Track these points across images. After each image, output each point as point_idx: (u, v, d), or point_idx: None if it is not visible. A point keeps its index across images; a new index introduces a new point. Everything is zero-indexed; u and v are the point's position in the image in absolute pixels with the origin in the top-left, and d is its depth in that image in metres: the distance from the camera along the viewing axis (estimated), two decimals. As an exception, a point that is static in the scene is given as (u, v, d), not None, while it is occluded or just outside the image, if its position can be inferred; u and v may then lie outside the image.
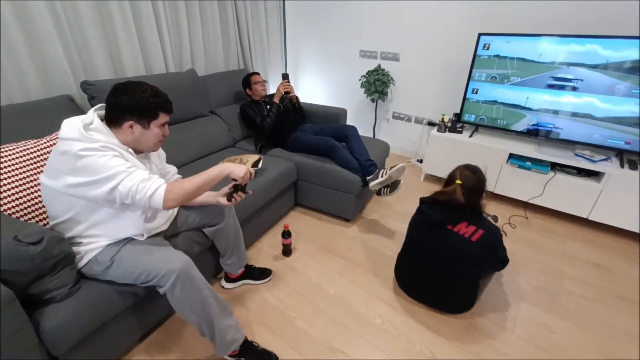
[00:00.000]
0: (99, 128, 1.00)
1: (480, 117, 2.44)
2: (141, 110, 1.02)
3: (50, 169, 0.99)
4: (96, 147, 0.94)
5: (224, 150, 2.26)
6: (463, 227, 1.33)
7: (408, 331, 1.40)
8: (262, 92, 2.38)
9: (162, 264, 1.04)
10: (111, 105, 1.02)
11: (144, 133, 1.05)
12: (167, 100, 1.08)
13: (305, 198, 2.24)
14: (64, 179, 0.95)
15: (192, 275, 1.07)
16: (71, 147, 0.92)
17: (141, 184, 0.95)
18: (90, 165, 0.93)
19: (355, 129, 2.18)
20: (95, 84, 1.69)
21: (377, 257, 1.85)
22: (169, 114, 1.10)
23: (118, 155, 0.98)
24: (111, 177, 0.93)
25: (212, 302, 1.12)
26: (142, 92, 1.02)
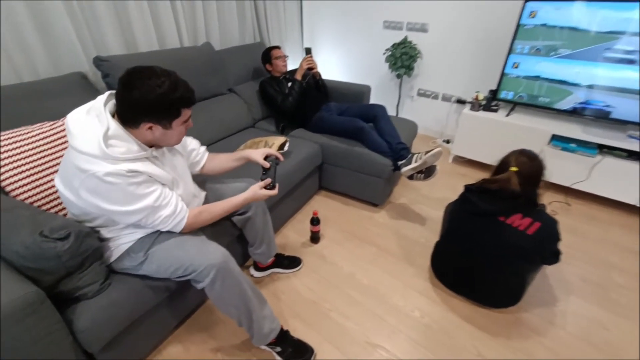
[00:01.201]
0: (117, 134, 0.86)
1: (519, 95, 2.24)
2: (160, 110, 0.86)
3: (67, 180, 0.89)
4: (122, 173, 0.83)
5: (243, 132, 2.14)
6: (517, 219, 1.21)
7: (449, 326, 1.33)
8: (283, 68, 2.21)
9: (200, 258, 0.96)
10: (123, 101, 0.86)
11: (166, 133, 0.92)
12: (189, 91, 0.90)
13: (331, 182, 2.13)
14: (84, 197, 0.86)
15: (231, 269, 1.00)
16: (93, 168, 0.81)
17: (165, 219, 0.95)
18: (114, 193, 0.85)
19: (384, 108, 2.02)
20: (109, 59, 1.56)
21: (410, 245, 1.76)
22: (191, 107, 0.95)
23: (144, 179, 0.88)
24: (136, 212, 0.90)
25: (251, 295, 1.07)
26: (157, 86, 0.82)
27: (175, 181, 1.02)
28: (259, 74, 2.43)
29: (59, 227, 0.84)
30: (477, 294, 1.40)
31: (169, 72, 0.87)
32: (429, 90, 2.97)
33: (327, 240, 1.79)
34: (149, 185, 0.90)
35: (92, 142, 0.82)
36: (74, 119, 0.87)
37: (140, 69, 0.85)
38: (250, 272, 1.53)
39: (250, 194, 1.10)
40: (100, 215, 0.93)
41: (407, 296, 1.46)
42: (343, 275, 1.56)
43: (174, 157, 1.07)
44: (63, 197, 0.93)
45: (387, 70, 3.05)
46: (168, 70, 0.87)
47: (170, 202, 0.95)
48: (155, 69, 0.85)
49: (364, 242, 1.78)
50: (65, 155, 0.90)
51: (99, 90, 1.58)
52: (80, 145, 0.82)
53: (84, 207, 0.89)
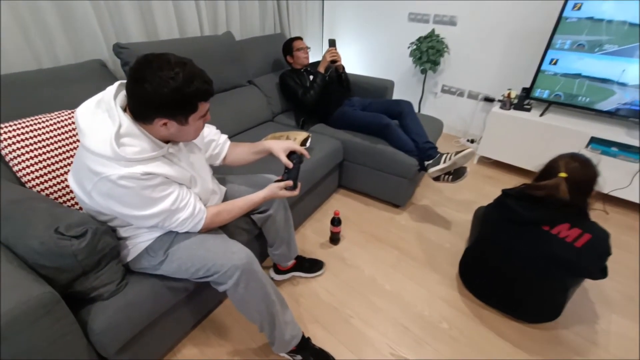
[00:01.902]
0: (130, 132, 0.78)
1: (555, 93, 2.10)
2: (174, 106, 0.77)
3: (79, 180, 0.82)
4: (137, 176, 0.77)
5: (263, 125, 2.07)
6: (564, 230, 1.11)
7: (480, 340, 1.24)
8: (304, 60, 2.12)
9: (223, 259, 0.90)
10: (134, 96, 0.77)
11: (182, 129, 0.83)
12: (207, 83, 0.79)
13: (351, 180, 2.05)
14: (97, 199, 0.80)
15: (255, 271, 0.95)
16: (105, 171, 0.75)
17: (183, 221, 0.90)
18: (129, 197, 0.79)
19: (410, 104, 1.92)
20: (129, 47, 1.50)
21: (434, 249, 1.67)
22: (209, 99, 0.84)
23: (160, 182, 0.82)
24: (152, 216, 0.85)
25: (275, 299, 1.01)
26: (171, 79, 0.72)
27: (193, 179, 0.95)
28: (279, 66, 2.35)
29: (76, 224, 0.79)
30: (512, 307, 1.30)
31: (183, 60, 0.76)
32: (454, 87, 2.84)
33: (347, 241, 1.71)
34: (165, 188, 0.84)
35: (104, 142, 0.74)
36: (84, 114, 0.80)
37: (151, 58, 0.74)
38: (270, 275, 1.46)
39: (269, 192, 1.04)
40: (116, 217, 0.88)
41: (433, 305, 1.37)
42: (364, 280, 1.49)
43: (191, 153, 0.99)
44: (77, 196, 0.87)
45: (410, 65, 2.93)
46: (183, 59, 0.77)
47: (188, 203, 0.89)
48: (168, 57, 0.75)
49: (385, 244, 1.70)
50: (77, 153, 0.83)
51: (118, 78, 1.54)
52: (91, 145, 0.75)
53: (98, 209, 0.84)
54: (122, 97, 0.83)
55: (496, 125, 2.29)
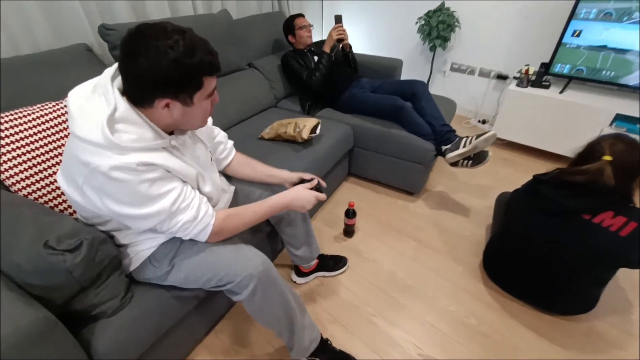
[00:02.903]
0: (126, 117, 0.67)
1: (577, 68, 1.97)
2: (176, 81, 0.65)
3: (69, 175, 0.71)
4: (132, 167, 0.65)
5: (266, 112, 1.93)
6: (608, 218, 1.01)
7: (512, 335, 1.17)
8: (307, 39, 1.96)
9: (237, 267, 0.81)
10: (128, 74, 0.66)
11: (187, 112, 0.71)
12: (211, 54, 0.68)
13: (361, 167, 1.93)
14: (89, 195, 0.68)
15: (273, 278, 0.86)
16: (95, 161, 0.63)
17: (185, 225, 0.76)
18: (123, 192, 0.67)
19: (425, 85, 1.78)
20: (116, 28, 1.34)
21: (454, 239, 1.58)
22: (216, 75, 0.73)
23: (160, 175, 0.70)
24: (150, 216, 0.71)
25: (294, 305, 0.93)
26: (169, 48, 0.61)
27: (201, 176, 0.84)
28: (280, 47, 2.19)
29: (68, 235, 0.68)
30: (543, 300, 1.22)
31: (182, 28, 0.65)
32: (464, 65, 2.68)
33: (362, 233, 1.62)
34: (165, 183, 0.71)
35: (95, 126, 0.63)
36: (76, 97, 0.69)
37: (144, 27, 0.63)
38: (292, 278, 1.36)
39: (294, 194, 0.91)
40: (113, 218, 0.77)
41: (459, 299, 1.29)
42: (384, 274, 1.40)
43: (196, 146, 0.88)
44: (68, 197, 0.76)
45: (416, 43, 2.77)
46: (181, 27, 0.65)
47: (192, 204, 0.76)
48: (164, 25, 0.64)
49: (402, 235, 1.61)
50: (67, 144, 0.72)
51: (106, 64, 1.39)
52: (80, 130, 0.64)
53: (92, 208, 0.72)
54: (119, 81, 0.71)
55: (512, 104, 2.16)
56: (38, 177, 0.92)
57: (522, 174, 2.05)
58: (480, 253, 1.49)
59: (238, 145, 1.13)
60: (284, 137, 1.51)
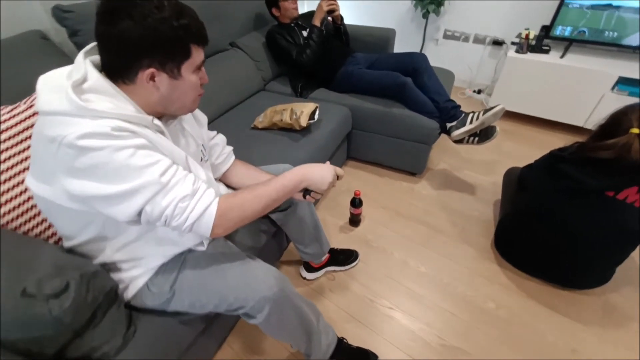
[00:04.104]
0: (98, 87, 0.56)
1: (579, 30, 1.87)
2: (162, 45, 0.56)
3: (38, 167, 0.60)
4: (106, 131, 0.52)
5: (255, 97, 1.78)
6: (632, 194, 0.97)
7: (532, 318, 1.15)
8: (293, 11, 1.77)
9: (247, 290, 0.72)
10: (108, 39, 0.56)
11: (176, 86, 0.61)
12: (200, 23, 0.61)
13: (361, 150, 1.84)
14: (62, 183, 0.55)
15: (289, 296, 0.78)
16: (63, 131, 0.51)
17: (181, 203, 0.59)
18: (100, 166, 0.53)
19: (426, 58, 1.65)
20: (74, 9, 1.14)
21: (463, 220, 1.53)
22: (204, 47, 0.64)
23: (143, 143, 0.57)
24: (135, 191, 0.56)
25: (311, 318, 0.87)
26: (155, 8, 0.54)
27: (192, 163, 0.69)
28: (263, 22, 1.98)
29: (50, 274, 0.57)
30: (559, 276, 1.21)
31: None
32: (457, 31, 2.55)
33: (368, 220, 1.55)
34: (150, 153, 0.57)
35: (58, 94, 0.53)
36: (47, 79, 0.58)
37: None
38: (301, 274, 1.29)
39: (305, 167, 0.75)
40: (95, 218, 0.63)
41: (475, 284, 1.26)
42: (395, 264, 1.35)
43: (186, 139, 0.75)
44: (41, 203, 0.64)
45: (406, 9, 2.60)
46: None
47: (186, 178, 0.61)
48: None
49: (410, 220, 1.55)
50: (34, 131, 0.59)
51: (68, 54, 1.20)
52: (44, 104, 0.54)
53: (68, 204, 0.59)
54: (96, 57, 0.60)
55: (511, 71, 2.07)
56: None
57: (527, 146, 2.00)
58: (490, 233, 1.46)
59: (229, 138, 0.99)
60: (280, 125, 1.38)
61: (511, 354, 1.05)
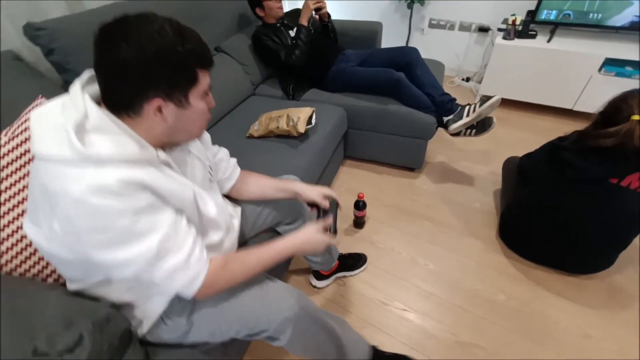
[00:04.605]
0: (100, 125, 0.52)
1: (564, 13, 1.88)
2: (169, 74, 0.52)
3: (35, 214, 0.56)
4: (111, 188, 0.49)
5: (245, 103, 1.72)
6: (635, 180, 0.98)
7: (542, 306, 1.17)
8: (278, 11, 1.72)
9: (268, 313, 0.70)
10: (109, 73, 0.52)
11: (183, 115, 0.57)
12: (204, 45, 0.56)
13: (358, 149, 1.81)
14: (59, 233, 0.52)
15: (310, 313, 0.76)
16: (65, 186, 0.48)
17: (173, 272, 0.57)
18: (100, 229, 0.50)
19: (417, 52, 1.63)
20: (47, 26, 1.06)
21: (466, 213, 1.54)
22: (210, 70, 0.59)
23: (147, 203, 0.53)
24: (128, 263, 0.54)
25: (339, 334, 0.84)
26: (157, 33, 0.50)
27: (200, 196, 0.67)
28: (247, 22, 1.92)
29: (60, 327, 0.53)
30: (565, 262, 1.23)
31: (164, 16, 0.53)
32: (443, 20, 2.53)
33: (372, 220, 1.54)
34: (154, 213, 0.54)
35: (60, 139, 0.49)
36: (40, 116, 0.53)
37: (121, 17, 0.51)
38: (311, 282, 1.27)
39: (302, 238, 0.77)
40: None
41: (484, 277, 1.27)
42: (404, 263, 1.35)
43: (192, 162, 0.71)
44: (41, 249, 0.60)
45: (389, 1, 2.56)
46: (162, 16, 0.53)
47: (185, 242, 0.59)
48: (144, 13, 0.53)
49: (413, 216, 1.55)
50: (30, 175, 0.56)
51: (45, 74, 1.13)
52: (41, 146, 0.50)
53: (69, 254, 0.56)
54: (95, 89, 0.56)
55: (500, 58, 2.07)
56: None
57: (520, 132, 2.03)
58: (493, 223, 1.47)
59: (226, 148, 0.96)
60: (277, 132, 1.34)
61: (526, 345, 1.07)
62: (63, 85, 1.17)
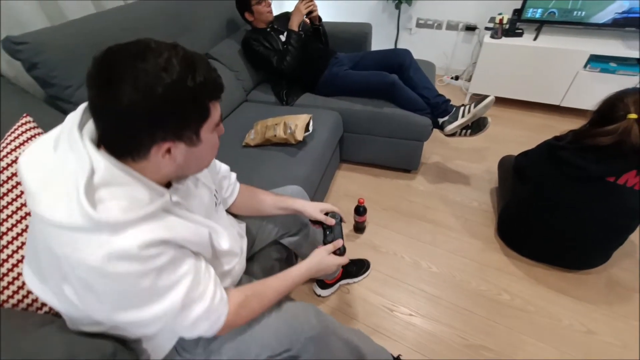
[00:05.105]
0: (109, 178, 0.46)
1: (549, 11, 1.92)
2: (179, 113, 0.47)
3: (39, 269, 0.53)
4: (133, 252, 0.45)
5: (238, 110, 1.69)
6: (631, 178, 1.00)
7: (545, 303, 1.19)
8: (268, 15, 1.68)
9: (288, 333, 0.68)
10: (108, 116, 0.46)
11: (194, 153, 0.53)
12: (214, 72, 0.51)
13: (354, 152, 1.80)
14: (68, 296, 0.49)
15: (331, 330, 0.75)
16: (79, 253, 0.44)
17: (197, 321, 0.56)
18: (118, 290, 0.47)
19: (410, 54, 1.63)
20: (28, 39, 1.00)
21: (464, 212, 1.55)
22: (220, 99, 0.54)
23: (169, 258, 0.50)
24: (154, 320, 0.51)
25: (360, 346, 0.83)
26: (163, 70, 0.44)
27: (214, 231, 0.65)
28: (235, 27, 1.88)
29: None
30: (564, 259, 1.25)
31: (166, 43, 0.47)
32: (430, 19, 2.55)
33: (373, 225, 1.54)
34: (176, 266, 0.52)
35: (68, 203, 0.43)
36: (31, 163, 0.48)
37: (117, 48, 0.45)
38: (315, 292, 1.25)
39: (315, 262, 0.76)
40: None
41: (487, 277, 1.28)
42: (407, 267, 1.35)
43: (199, 191, 0.68)
44: (42, 298, 0.56)
45: (376, 2, 2.56)
46: (164, 42, 0.47)
47: (206, 290, 0.57)
48: (145, 41, 0.46)
49: (413, 218, 1.55)
50: (30, 227, 0.52)
51: (26, 88, 1.07)
52: (47, 210, 0.44)
53: (74, 312, 0.54)
54: (91, 128, 0.50)
55: (489, 57, 2.10)
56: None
57: (510, 129, 2.06)
58: (491, 221, 1.49)
59: (223, 160, 0.92)
60: (274, 140, 1.32)
61: (533, 344, 1.08)
62: (46, 99, 1.12)
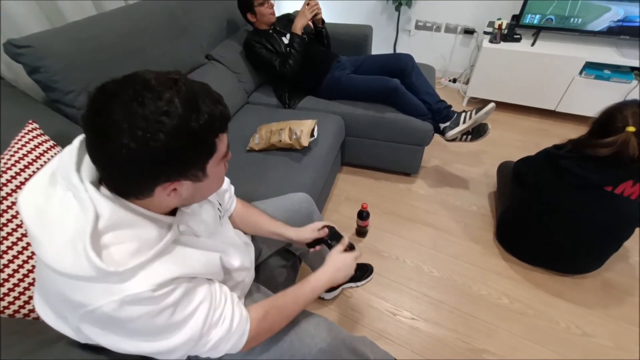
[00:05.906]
0: (115, 222, 0.45)
1: (547, 17, 1.95)
2: (182, 159, 0.45)
3: (53, 306, 0.52)
4: (147, 295, 0.45)
5: (240, 113, 1.67)
6: (628, 188, 1.03)
7: (543, 307, 1.22)
8: (271, 17, 1.66)
9: (302, 348, 0.69)
10: (108, 163, 0.44)
11: (199, 188, 0.52)
12: (219, 103, 0.47)
13: (355, 156, 1.81)
14: (87, 333, 0.48)
15: (342, 341, 0.75)
16: (93, 301, 0.43)
17: (217, 343, 0.56)
18: (136, 327, 0.47)
19: (412, 59, 1.64)
20: (31, 43, 0.97)
21: (464, 216, 1.58)
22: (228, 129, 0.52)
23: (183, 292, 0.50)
24: (175, 349, 0.51)
25: (365, 350, 0.84)
26: (165, 116, 0.41)
27: (225, 254, 0.66)
28: (235, 28, 1.86)
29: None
30: (561, 264, 1.29)
31: (170, 75, 0.44)
32: (429, 22, 2.56)
33: (375, 229, 1.55)
34: (191, 299, 0.52)
35: (73, 254, 0.42)
36: (31, 206, 0.45)
37: (112, 86, 0.42)
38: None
39: (334, 267, 0.75)
40: None
41: (487, 281, 1.31)
42: (410, 271, 1.37)
43: (203, 209, 0.66)
44: (59, 330, 0.54)
45: (375, 3, 2.55)
46: (164, 73, 0.44)
47: (224, 312, 0.57)
48: (143, 76, 0.43)
49: (415, 223, 1.57)
50: (38, 267, 0.50)
51: (27, 91, 1.05)
52: (53, 261, 0.42)
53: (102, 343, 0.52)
54: (90, 165, 0.47)
55: (487, 61, 2.12)
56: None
57: (507, 132, 2.10)
58: (490, 225, 1.52)
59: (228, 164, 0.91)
60: (279, 146, 1.32)
61: (532, 347, 1.12)
62: (48, 103, 1.09)
